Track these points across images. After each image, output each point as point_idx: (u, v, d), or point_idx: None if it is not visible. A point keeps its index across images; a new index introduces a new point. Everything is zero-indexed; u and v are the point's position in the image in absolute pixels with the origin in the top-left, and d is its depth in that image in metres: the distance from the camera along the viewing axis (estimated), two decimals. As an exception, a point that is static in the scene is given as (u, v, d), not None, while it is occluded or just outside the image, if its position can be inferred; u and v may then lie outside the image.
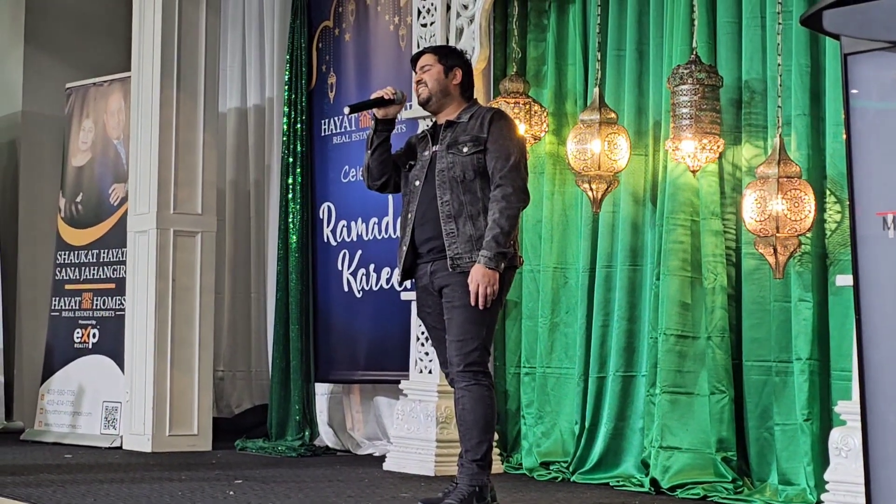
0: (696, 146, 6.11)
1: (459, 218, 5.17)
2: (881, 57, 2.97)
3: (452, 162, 5.22)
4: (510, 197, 5.12)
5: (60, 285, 9.03)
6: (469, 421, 5.15)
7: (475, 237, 5.14)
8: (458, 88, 5.40)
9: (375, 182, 5.48)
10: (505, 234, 5.09)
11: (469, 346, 5.14)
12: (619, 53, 6.78)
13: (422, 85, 5.40)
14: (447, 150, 5.26)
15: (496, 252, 5.07)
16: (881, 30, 2.91)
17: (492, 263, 5.06)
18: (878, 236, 3.14)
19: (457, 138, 5.26)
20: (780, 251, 5.79)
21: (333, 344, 8.10)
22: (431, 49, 5.57)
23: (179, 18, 8.22)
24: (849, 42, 3.00)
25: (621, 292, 6.64)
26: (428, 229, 5.25)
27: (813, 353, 5.87)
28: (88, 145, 8.98)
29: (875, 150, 3.16)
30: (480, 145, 5.21)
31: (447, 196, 5.20)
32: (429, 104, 5.41)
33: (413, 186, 5.34)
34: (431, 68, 5.39)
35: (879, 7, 2.89)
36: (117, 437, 8.26)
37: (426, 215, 5.25)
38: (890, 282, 3.13)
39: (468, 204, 5.18)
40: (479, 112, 5.35)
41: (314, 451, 7.95)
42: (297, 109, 8.33)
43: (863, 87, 3.14)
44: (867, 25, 2.93)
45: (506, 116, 5.38)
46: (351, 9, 8.13)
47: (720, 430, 6.17)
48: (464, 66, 5.44)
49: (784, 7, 5.99)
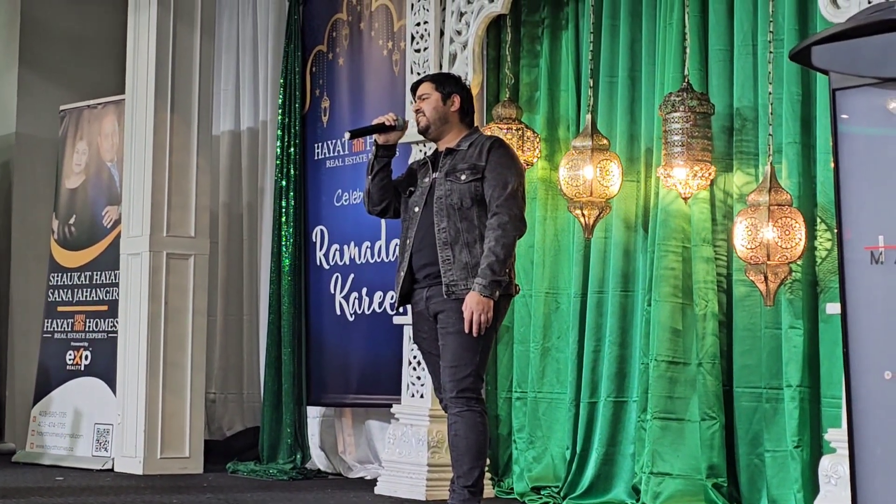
0: (688, 173, 6.13)
1: (456, 245, 5.19)
2: (869, 93, 3.00)
3: (450, 189, 5.24)
4: (506, 225, 5.14)
5: (53, 307, 9.03)
6: (461, 447, 5.16)
7: (471, 264, 5.16)
8: (457, 115, 5.42)
9: (376, 207, 5.51)
10: (500, 263, 5.10)
11: (462, 373, 5.15)
12: (611, 80, 6.81)
13: (420, 114, 5.42)
14: (446, 177, 5.28)
15: (491, 280, 5.08)
16: (869, 66, 2.94)
17: (486, 291, 5.08)
18: (866, 269, 3.16)
19: (455, 166, 5.29)
20: (771, 278, 5.81)
21: (325, 367, 8.11)
22: (430, 77, 5.59)
23: (174, 41, 8.24)
24: (837, 78, 3.03)
25: (613, 318, 6.65)
26: (425, 255, 5.26)
27: (803, 380, 5.89)
28: (82, 167, 8.99)
29: (863, 181, 3.18)
30: (478, 173, 5.23)
31: (444, 223, 5.22)
32: (428, 132, 5.44)
33: (412, 212, 5.36)
34: (429, 96, 5.41)
35: (867, 44, 2.92)
36: (109, 460, 8.25)
37: (423, 241, 5.27)
38: (877, 314, 3.16)
39: (465, 231, 5.20)
40: (478, 140, 5.37)
41: (305, 474, 7.94)
42: (291, 133, 8.35)
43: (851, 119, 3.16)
44: (855, 62, 2.96)
45: (505, 145, 5.40)
46: (345, 33, 8.16)
47: (711, 457, 6.19)
48: (462, 93, 5.46)
49: (775, 36, 6.03)
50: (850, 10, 5.22)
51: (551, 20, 7.11)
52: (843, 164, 3.20)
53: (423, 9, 7.17)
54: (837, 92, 3.07)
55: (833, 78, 3.07)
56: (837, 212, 3.24)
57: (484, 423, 5.19)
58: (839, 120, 3.13)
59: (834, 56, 3.00)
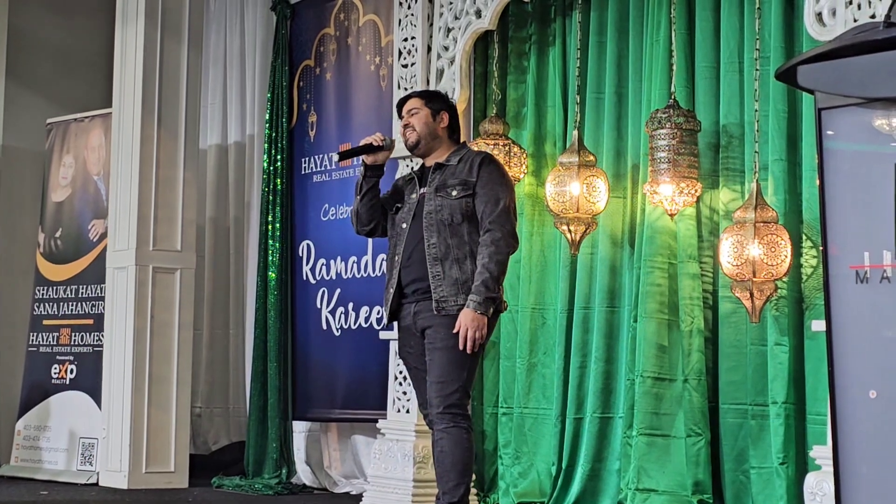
0: (674, 190, 6.14)
1: (446, 261, 5.18)
2: (854, 112, 3.01)
3: (440, 205, 5.23)
4: (499, 242, 5.14)
5: (38, 320, 9.01)
6: (447, 463, 5.15)
7: (461, 280, 5.15)
8: (446, 131, 5.42)
9: (364, 227, 5.48)
10: (494, 279, 5.10)
11: (449, 388, 5.14)
12: (598, 96, 6.82)
13: (409, 129, 5.40)
14: (436, 192, 5.26)
15: (486, 297, 5.07)
16: (854, 86, 2.95)
17: (481, 308, 5.07)
18: (851, 287, 3.17)
19: (445, 181, 5.27)
20: (757, 295, 5.82)
21: (311, 382, 8.10)
22: (417, 93, 5.59)
23: (161, 55, 8.24)
24: (823, 97, 3.04)
25: (599, 334, 6.66)
26: (414, 271, 5.24)
27: (789, 396, 5.89)
28: (68, 181, 8.98)
29: (849, 197, 3.19)
30: (469, 189, 5.22)
31: (434, 238, 5.20)
32: (417, 148, 5.42)
33: (400, 229, 5.34)
34: (419, 112, 5.40)
35: (853, 64, 2.93)
36: (94, 474, 8.23)
37: (412, 257, 5.25)
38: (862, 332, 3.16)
39: (455, 247, 5.19)
40: (468, 155, 5.37)
41: (291, 489, 7.93)
42: (278, 147, 8.35)
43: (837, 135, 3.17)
44: (841, 82, 2.97)
45: (495, 161, 5.39)
46: (332, 48, 8.17)
47: (696, 473, 6.19)
48: (450, 110, 5.46)
49: (762, 53, 6.05)
50: (836, 28, 5.24)
51: (538, 36, 7.13)
52: (829, 180, 3.21)
53: (410, 24, 7.18)
54: (823, 111, 3.09)
55: (819, 97, 3.08)
56: (823, 228, 3.25)
57: (470, 439, 5.18)
58: (825, 137, 3.14)
59: (819, 76, 3.01)
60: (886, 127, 3.04)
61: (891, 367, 3.09)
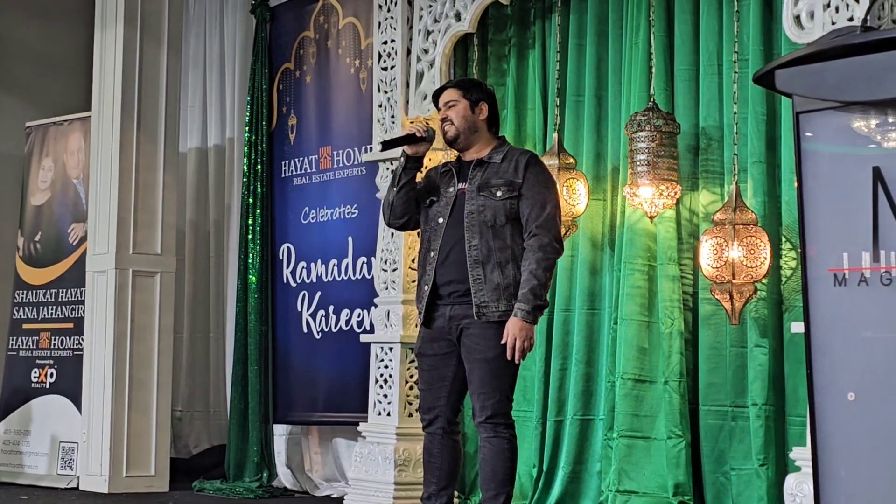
0: (654, 192, 6.16)
1: (487, 264, 4.98)
2: (832, 115, 3.03)
3: (483, 205, 5.02)
4: (547, 247, 4.96)
5: (18, 324, 8.98)
6: (487, 472, 5.04)
7: (503, 285, 4.96)
8: (486, 123, 5.18)
9: (398, 220, 5.25)
10: (542, 286, 4.92)
11: (492, 399, 4.99)
12: (578, 99, 6.83)
13: (447, 122, 5.15)
14: (478, 191, 5.04)
15: (534, 305, 4.91)
16: (832, 90, 2.96)
17: (530, 317, 4.90)
18: (830, 289, 3.18)
19: (489, 180, 5.06)
20: (737, 297, 5.83)
21: (292, 385, 8.09)
22: (454, 83, 5.32)
23: (140, 58, 8.23)
24: (801, 101, 3.05)
25: (579, 336, 6.67)
26: (451, 271, 5.04)
27: (768, 398, 5.91)
28: (48, 184, 8.96)
29: (827, 199, 3.20)
30: (515, 190, 5.02)
31: (476, 240, 5.00)
32: (456, 142, 5.17)
33: (436, 223, 5.11)
34: (457, 104, 5.16)
35: (830, 68, 2.94)
36: (74, 478, 8.21)
37: (450, 257, 5.04)
38: (841, 334, 3.17)
39: (497, 250, 4.98)
40: (511, 154, 5.14)
41: (272, 492, 7.93)
42: (258, 150, 8.34)
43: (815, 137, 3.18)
44: (819, 85, 2.99)
45: (541, 162, 5.19)
46: (312, 51, 8.17)
47: (677, 475, 6.20)
48: (489, 99, 5.22)
49: (740, 56, 6.06)
50: (814, 31, 5.26)
51: (518, 39, 7.14)
52: (807, 182, 3.22)
53: (390, 27, 7.18)
54: (801, 115, 3.10)
55: (796, 101, 3.09)
56: (801, 230, 3.25)
57: (511, 449, 5.03)
58: (803, 139, 3.15)
59: (797, 80, 3.02)
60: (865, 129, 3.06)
61: (869, 369, 3.10)
